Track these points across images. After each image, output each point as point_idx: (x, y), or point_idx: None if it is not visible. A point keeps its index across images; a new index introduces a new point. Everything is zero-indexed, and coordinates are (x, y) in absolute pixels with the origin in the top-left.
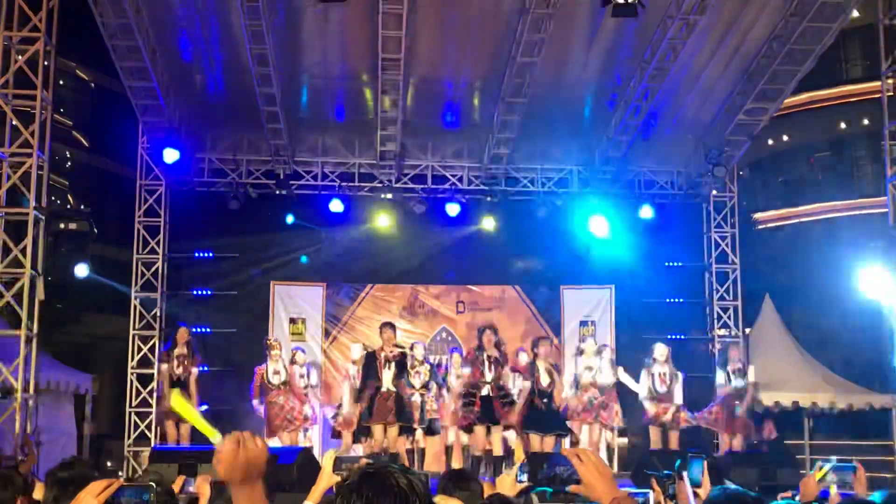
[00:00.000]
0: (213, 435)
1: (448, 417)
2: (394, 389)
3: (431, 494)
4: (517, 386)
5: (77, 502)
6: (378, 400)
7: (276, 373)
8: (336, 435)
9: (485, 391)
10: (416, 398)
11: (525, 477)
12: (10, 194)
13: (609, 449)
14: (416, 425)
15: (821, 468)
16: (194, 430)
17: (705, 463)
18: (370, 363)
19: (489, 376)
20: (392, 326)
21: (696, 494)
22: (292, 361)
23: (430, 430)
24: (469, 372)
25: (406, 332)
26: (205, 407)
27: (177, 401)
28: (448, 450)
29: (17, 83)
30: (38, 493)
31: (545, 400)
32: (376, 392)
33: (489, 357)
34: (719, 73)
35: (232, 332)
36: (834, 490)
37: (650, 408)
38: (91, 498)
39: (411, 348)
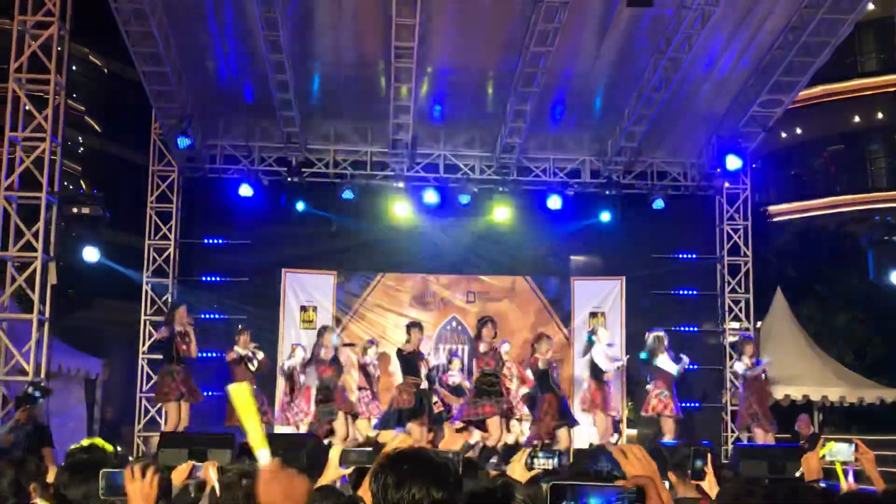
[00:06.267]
0: (262, 447)
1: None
2: (425, 387)
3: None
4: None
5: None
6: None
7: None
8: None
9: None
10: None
11: (536, 463)
12: (24, 179)
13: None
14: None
15: (823, 446)
16: (194, 412)
17: (710, 456)
18: (410, 361)
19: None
20: (420, 326)
21: (700, 489)
22: (364, 353)
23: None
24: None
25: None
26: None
27: (243, 395)
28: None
29: (31, 68)
30: (52, 477)
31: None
32: (416, 389)
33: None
34: (734, 64)
35: (242, 318)
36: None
37: (651, 398)
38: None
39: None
